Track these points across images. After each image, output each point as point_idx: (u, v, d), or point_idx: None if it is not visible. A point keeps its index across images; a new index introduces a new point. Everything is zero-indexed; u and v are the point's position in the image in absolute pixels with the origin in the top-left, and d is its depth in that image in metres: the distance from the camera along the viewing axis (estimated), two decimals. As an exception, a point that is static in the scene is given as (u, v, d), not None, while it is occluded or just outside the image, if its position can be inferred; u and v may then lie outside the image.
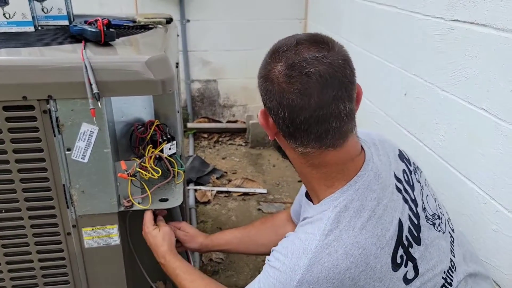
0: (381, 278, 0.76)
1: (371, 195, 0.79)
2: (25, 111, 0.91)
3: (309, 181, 0.85)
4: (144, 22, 1.35)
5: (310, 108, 0.74)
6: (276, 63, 0.77)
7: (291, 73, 0.74)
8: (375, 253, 0.75)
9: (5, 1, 1.14)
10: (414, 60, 1.43)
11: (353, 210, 0.77)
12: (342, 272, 0.73)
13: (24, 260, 1.07)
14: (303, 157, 0.81)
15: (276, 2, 3.06)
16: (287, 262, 0.77)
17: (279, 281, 0.77)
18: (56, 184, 1.00)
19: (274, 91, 0.76)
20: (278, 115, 0.77)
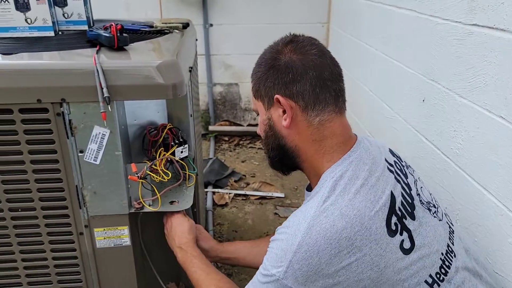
0: (377, 240, 0.78)
1: (363, 167, 0.85)
2: (40, 114, 0.95)
3: (312, 163, 0.91)
4: (160, 27, 1.37)
5: (328, 65, 0.88)
6: (280, 52, 0.90)
7: (300, 46, 0.89)
8: (369, 215, 0.79)
9: (27, 7, 1.18)
10: (432, 66, 1.39)
11: (348, 178, 0.83)
12: (338, 231, 0.77)
13: (39, 258, 1.10)
14: (316, 129, 0.88)
15: (299, 6, 3.05)
16: (289, 231, 0.82)
17: (281, 248, 0.81)
18: (69, 185, 1.03)
19: (294, 62, 0.87)
20: (304, 81, 0.86)
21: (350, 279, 0.78)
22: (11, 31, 1.19)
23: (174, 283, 1.48)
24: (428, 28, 1.42)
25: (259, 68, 0.94)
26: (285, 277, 0.79)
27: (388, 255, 0.79)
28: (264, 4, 3.05)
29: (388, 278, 0.79)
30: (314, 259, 0.77)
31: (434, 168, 1.38)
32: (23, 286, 1.13)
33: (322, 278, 0.78)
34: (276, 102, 0.89)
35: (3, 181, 1.00)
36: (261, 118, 0.96)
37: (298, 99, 0.87)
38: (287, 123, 0.89)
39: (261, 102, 0.94)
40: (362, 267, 0.77)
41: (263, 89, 0.91)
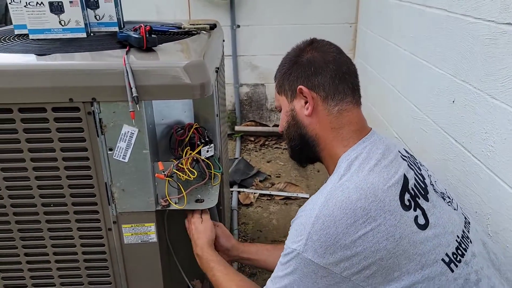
0: (391, 211, 0.81)
1: (377, 150, 0.91)
2: (71, 113, 0.98)
3: (330, 150, 0.97)
4: (188, 28, 1.39)
5: (346, 62, 0.99)
6: (302, 51, 1.01)
7: (320, 45, 1.01)
8: (382, 188, 0.83)
9: (61, 10, 1.23)
10: (463, 66, 1.36)
11: (362, 159, 0.89)
12: (353, 202, 0.81)
13: (69, 252, 1.14)
14: (335, 118, 0.96)
15: (327, 7, 3.03)
16: (307, 208, 0.87)
17: (299, 223, 0.85)
18: (98, 182, 1.06)
19: (316, 58, 0.98)
20: (325, 74, 0.95)
21: (367, 249, 0.80)
22: (46, 33, 1.24)
23: (198, 280, 1.49)
24: (459, 27, 1.39)
25: (283, 67, 1.04)
26: (305, 250, 0.82)
27: (403, 226, 0.81)
28: (292, 5, 3.04)
29: (404, 250, 0.81)
30: (331, 229, 0.80)
31: (463, 171, 1.34)
32: (54, 279, 1.17)
33: (340, 250, 0.80)
34: (299, 93, 0.98)
35: (37, 177, 1.04)
36: (283, 110, 1.04)
37: (319, 90, 0.96)
38: (309, 112, 0.97)
39: (284, 97, 1.03)
40: (378, 236, 0.80)
41: (286, 83, 1.01)
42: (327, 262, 0.81)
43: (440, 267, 0.83)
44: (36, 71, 0.97)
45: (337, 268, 0.81)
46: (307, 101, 0.97)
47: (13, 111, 0.97)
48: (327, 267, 0.81)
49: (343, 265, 0.80)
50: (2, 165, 1.02)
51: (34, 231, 1.10)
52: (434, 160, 1.57)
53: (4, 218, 1.08)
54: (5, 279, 1.17)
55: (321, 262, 0.81)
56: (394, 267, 0.80)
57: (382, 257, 0.80)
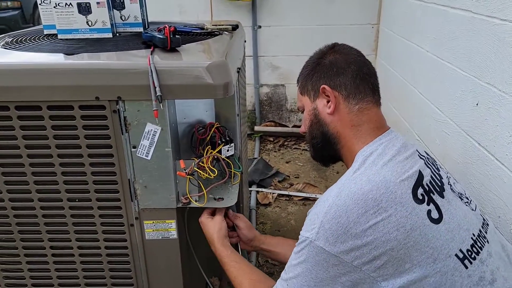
0: (402, 203, 0.83)
1: (392, 147, 0.94)
2: (97, 111, 1.01)
3: (349, 147, 1.01)
4: (211, 29, 1.41)
5: (366, 64, 1.03)
6: (325, 54, 1.06)
7: (342, 48, 1.06)
8: (394, 182, 0.85)
9: (89, 10, 1.26)
10: (487, 68, 1.34)
11: (377, 154, 0.92)
12: (365, 193, 0.83)
13: (93, 247, 1.17)
14: (355, 116, 1.00)
15: (349, 8, 3.02)
16: (321, 199, 0.90)
17: (313, 213, 0.89)
18: (122, 178, 1.09)
19: (338, 59, 1.03)
20: (346, 74, 1.01)
21: (377, 239, 0.81)
22: (73, 33, 1.28)
23: (217, 277, 1.51)
24: (485, 29, 1.37)
25: (306, 69, 1.10)
26: (317, 238, 0.84)
27: (414, 218, 0.83)
28: (313, 6, 3.04)
29: (416, 241, 0.82)
30: (342, 218, 0.82)
31: (487, 175, 1.32)
32: (78, 272, 1.20)
33: (351, 239, 0.82)
34: (322, 92, 1.03)
35: (63, 172, 1.07)
36: (306, 110, 1.09)
37: (341, 89, 1.01)
38: (332, 110, 1.01)
39: (307, 97, 1.08)
40: (388, 227, 0.81)
41: (309, 84, 1.06)
42: (338, 250, 0.83)
43: (453, 262, 0.83)
44: (64, 70, 1.00)
45: (348, 257, 0.82)
46: (329, 100, 1.02)
47: (42, 108, 1.00)
48: (338, 255, 0.83)
49: (354, 254, 0.82)
50: (30, 160, 1.06)
51: (59, 225, 1.14)
52: (456, 164, 1.55)
53: (31, 212, 1.12)
54: (31, 271, 1.21)
55: (332, 250, 0.83)
56: (405, 258, 0.81)
57: (392, 248, 0.81)
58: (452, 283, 0.82)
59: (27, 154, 1.05)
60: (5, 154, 1.06)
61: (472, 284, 0.84)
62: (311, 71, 1.06)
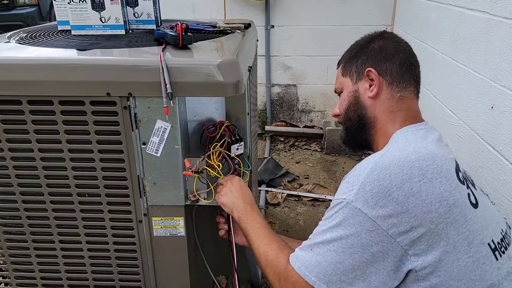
0: (447, 177, 0.81)
1: (433, 135, 0.92)
2: (108, 106, 1.01)
3: (384, 131, 0.99)
4: (223, 27, 1.41)
5: (413, 55, 1.02)
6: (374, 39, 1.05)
7: (391, 36, 1.06)
8: (440, 157, 0.83)
9: (102, 7, 1.27)
10: (503, 71, 1.31)
11: (419, 136, 0.91)
12: (411, 161, 0.81)
13: (101, 242, 1.18)
14: (396, 102, 0.99)
15: (363, 9, 2.99)
16: (361, 164, 0.86)
17: (352, 175, 0.85)
18: (131, 174, 1.09)
19: (387, 45, 1.02)
20: (394, 61, 0.99)
21: (418, 208, 0.78)
22: (87, 29, 1.29)
23: (224, 276, 1.51)
24: (502, 30, 1.34)
25: (351, 51, 1.08)
26: (355, 199, 0.80)
27: (457, 195, 0.80)
28: (327, 7, 3.02)
29: (455, 219, 0.79)
30: (385, 181, 0.79)
31: (500, 180, 1.30)
32: (86, 266, 1.21)
33: (391, 204, 0.78)
34: (366, 75, 1.01)
35: (73, 167, 1.08)
36: (346, 91, 1.06)
37: (386, 75, 0.99)
38: (374, 93, 0.99)
39: (349, 78, 1.06)
40: (431, 197, 0.78)
41: (354, 65, 1.04)
42: (376, 214, 0.79)
43: (485, 250, 0.81)
44: (76, 65, 1.01)
45: (385, 224, 0.78)
46: (372, 84, 1.00)
47: (54, 103, 1.01)
48: (375, 220, 0.79)
49: (392, 221, 0.78)
50: (41, 154, 1.07)
51: (69, 219, 1.15)
52: (469, 168, 1.53)
53: (41, 206, 1.13)
54: (40, 265, 1.22)
55: (370, 213, 0.79)
56: (442, 234, 0.78)
57: (432, 220, 0.78)
58: (483, 272, 0.80)
59: (38, 148, 1.06)
60: (16, 148, 1.07)
61: (500, 277, 0.82)
62: (358, 53, 1.05)
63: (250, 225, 1.05)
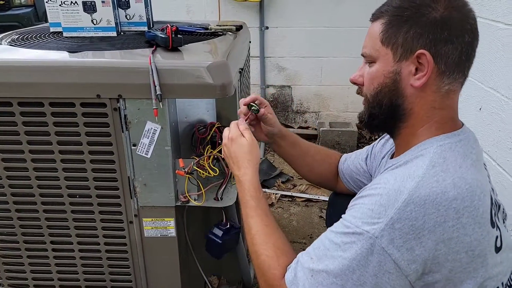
0: (481, 224, 0.72)
1: (471, 149, 0.79)
2: (98, 108, 1.02)
3: (417, 129, 0.82)
4: (214, 29, 1.42)
5: (478, 35, 0.79)
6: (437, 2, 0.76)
7: (461, 5, 0.77)
8: (479, 195, 0.73)
9: (94, 9, 1.28)
10: (491, 73, 1.33)
11: (458, 153, 0.76)
12: (449, 200, 0.70)
13: (92, 242, 1.18)
14: (441, 97, 0.79)
15: (357, 9, 3.01)
16: (389, 186, 0.73)
17: (379, 204, 0.72)
18: (122, 176, 1.10)
19: (453, 20, 0.75)
20: (457, 45, 0.76)
21: (443, 256, 0.71)
22: (78, 31, 1.29)
23: (216, 276, 1.52)
24: (489, 33, 1.36)
25: (404, 12, 0.79)
26: (380, 236, 0.70)
27: (484, 245, 0.73)
28: (321, 8, 3.04)
29: (475, 269, 0.73)
30: (418, 221, 0.69)
31: (488, 180, 1.32)
32: (77, 267, 1.22)
33: (419, 248, 0.70)
34: (416, 58, 0.77)
35: (64, 169, 1.09)
36: (381, 68, 0.82)
37: (441, 62, 0.77)
38: (420, 83, 0.78)
39: (390, 51, 0.80)
40: (459, 246, 0.71)
41: (402, 36, 0.78)
42: (400, 257, 0.70)
43: None
44: (66, 67, 1.02)
45: (407, 269, 0.71)
46: (419, 69, 0.78)
47: (44, 105, 1.02)
48: (398, 263, 0.70)
49: (415, 266, 0.71)
50: (32, 156, 1.07)
51: (60, 220, 1.15)
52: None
53: (32, 207, 1.14)
54: (32, 265, 1.22)
55: (394, 254, 0.70)
56: (457, 283, 0.73)
57: (452, 269, 0.72)
58: None
59: (29, 149, 1.07)
60: (7, 149, 1.07)
61: None
62: (410, 20, 0.77)
63: (243, 206, 0.94)
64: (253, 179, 0.95)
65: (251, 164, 0.97)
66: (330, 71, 3.17)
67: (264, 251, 0.86)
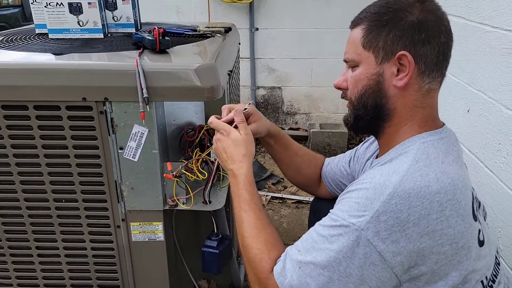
0: (463, 216, 0.75)
1: (452, 147, 0.82)
2: (84, 111, 1.00)
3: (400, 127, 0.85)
4: (203, 31, 1.41)
5: (452, 36, 0.83)
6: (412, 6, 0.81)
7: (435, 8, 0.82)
8: (461, 189, 0.75)
9: (80, 10, 1.26)
10: (479, 75, 1.34)
11: (440, 150, 0.80)
12: (432, 193, 0.72)
13: (79, 247, 1.17)
14: (422, 96, 0.83)
15: (347, 11, 3.00)
16: (375, 181, 0.75)
17: (365, 197, 0.74)
18: (108, 179, 1.08)
19: (429, 22, 0.80)
20: (434, 45, 0.80)
21: (428, 249, 0.73)
22: (64, 33, 1.28)
23: (205, 280, 1.51)
24: (476, 36, 1.37)
25: (382, 17, 0.82)
26: (366, 228, 0.72)
27: (468, 237, 0.75)
28: (310, 10, 3.04)
29: (459, 261, 0.75)
30: (403, 214, 0.71)
31: (476, 182, 1.32)
32: (64, 273, 1.20)
33: (404, 240, 0.72)
34: (397, 59, 0.81)
35: (50, 173, 1.07)
36: (364, 71, 0.85)
37: (421, 62, 0.81)
38: (403, 83, 0.81)
39: (372, 54, 0.83)
40: (444, 239, 0.73)
41: (382, 40, 0.82)
42: (385, 249, 0.72)
43: None
44: (50, 70, 1.00)
45: (393, 261, 0.72)
46: (400, 70, 0.82)
47: (29, 108, 1.00)
48: (383, 254, 0.72)
49: (400, 259, 0.72)
50: (16, 160, 1.05)
51: (46, 225, 1.13)
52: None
53: (17, 212, 1.11)
54: (17, 271, 1.20)
55: (379, 246, 0.72)
56: (442, 275, 0.75)
57: (437, 261, 0.74)
58: None
59: (13, 153, 1.05)
60: (-9, 154, 1.05)
61: None
62: (389, 23, 0.81)
63: (236, 200, 0.94)
64: (248, 173, 0.95)
65: (246, 158, 0.96)
66: (320, 72, 3.17)
67: (255, 245, 0.87)
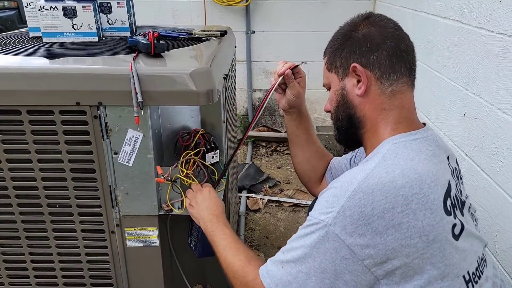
0: (432, 210, 0.76)
1: (428, 147, 0.84)
2: (78, 116, 1.00)
3: (375, 131, 0.90)
4: (198, 35, 1.40)
5: (405, 39, 0.90)
6: (357, 25, 0.92)
7: (377, 20, 0.91)
8: (429, 184, 0.77)
9: (74, 14, 1.25)
10: (475, 79, 1.34)
11: (412, 149, 0.82)
12: (397, 188, 0.75)
13: (73, 253, 1.15)
14: (387, 99, 0.88)
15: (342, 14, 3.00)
16: (343, 179, 0.80)
17: (333, 195, 0.79)
18: (103, 185, 1.07)
19: (372, 33, 0.89)
20: (382, 51, 0.87)
21: (397, 241, 0.74)
22: (58, 36, 1.27)
23: (201, 285, 1.50)
24: (472, 39, 1.37)
25: (334, 42, 0.96)
26: (333, 223, 0.76)
27: (439, 230, 0.76)
28: (307, 12, 3.04)
29: (433, 255, 0.76)
30: (367, 208, 0.74)
31: (473, 186, 1.32)
32: (58, 279, 1.18)
33: (370, 233, 0.74)
34: (352, 71, 0.90)
35: (43, 178, 1.06)
36: (333, 89, 0.96)
37: (374, 68, 0.88)
38: (362, 91, 0.89)
39: (334, 74, 0.95)
40: (411, 231, 0.74)
41: (338, 60, 0.93)
42: (353, 242, 0.75)
43: (459, 283, 0.79)
44: (44, 74, 0.99)
45: (362, 253, 0.75)
46: (360, 80, 0.89)
47: (22, 112, 0.99)
48: (352, 248, 0.75)
49: (368, 251, 0.75)
50: (10, 165, 1.04)
51: (39, 231, 1.12)
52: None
53: (10, 217, 1.10)
54: (10, 277, 1.19)
55: (347, 240, 0.75)
56: (417, 269, 0.76)
57: (408, 254, 0.75)
58: None
59: (6, 158, 1.04)
60: (-17, 159, 1.04)
61: None
62: (341, 45, 0.93)
63: (216, 237, 1.02)
64: (224, 229, 1.04)
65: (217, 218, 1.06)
66: (316, 75, 3.15)
67: (236, 259, 0.94)
